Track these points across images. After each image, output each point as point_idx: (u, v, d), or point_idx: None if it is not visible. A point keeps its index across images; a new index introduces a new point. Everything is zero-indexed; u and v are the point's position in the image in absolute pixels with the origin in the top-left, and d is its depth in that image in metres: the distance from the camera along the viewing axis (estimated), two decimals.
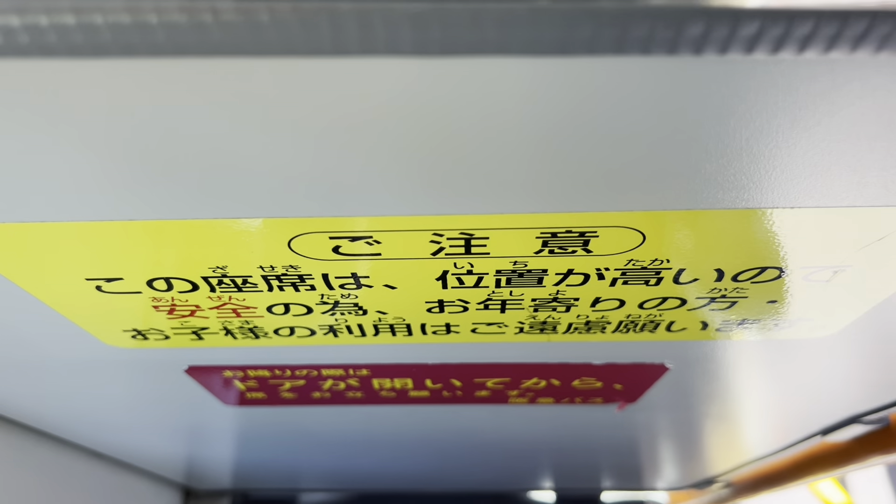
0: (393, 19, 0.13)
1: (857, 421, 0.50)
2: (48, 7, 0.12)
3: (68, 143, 0.18)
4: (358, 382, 0.42)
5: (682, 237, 0.24)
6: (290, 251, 0.24)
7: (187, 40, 0.13)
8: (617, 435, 0.59)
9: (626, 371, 0.39)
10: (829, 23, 0.13)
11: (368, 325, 0.32)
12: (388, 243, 0.24)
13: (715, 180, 0.20)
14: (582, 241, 0.24)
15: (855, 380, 0.42)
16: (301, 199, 0.21)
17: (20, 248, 0.24)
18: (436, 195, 0.21)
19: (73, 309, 0.29)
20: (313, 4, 0.13)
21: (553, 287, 0.28)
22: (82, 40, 0.13)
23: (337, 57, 0.14)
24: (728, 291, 0.28)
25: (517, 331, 0.33)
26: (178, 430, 0.56)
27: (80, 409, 0.48)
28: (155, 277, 0.26)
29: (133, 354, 0.35)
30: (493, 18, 0.13)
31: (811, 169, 0.20)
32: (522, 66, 0.16)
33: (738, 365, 0.38)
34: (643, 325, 0.32)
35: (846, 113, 0.17)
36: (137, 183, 0.20)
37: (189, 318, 0.30)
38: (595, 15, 0.13)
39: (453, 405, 0.47)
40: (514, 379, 0.42)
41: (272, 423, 0.54)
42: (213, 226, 0.23)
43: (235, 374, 0.40)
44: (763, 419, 0.53)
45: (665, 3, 0.12)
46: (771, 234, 0.24)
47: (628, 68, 0.16)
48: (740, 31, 0.13)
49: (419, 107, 0.17)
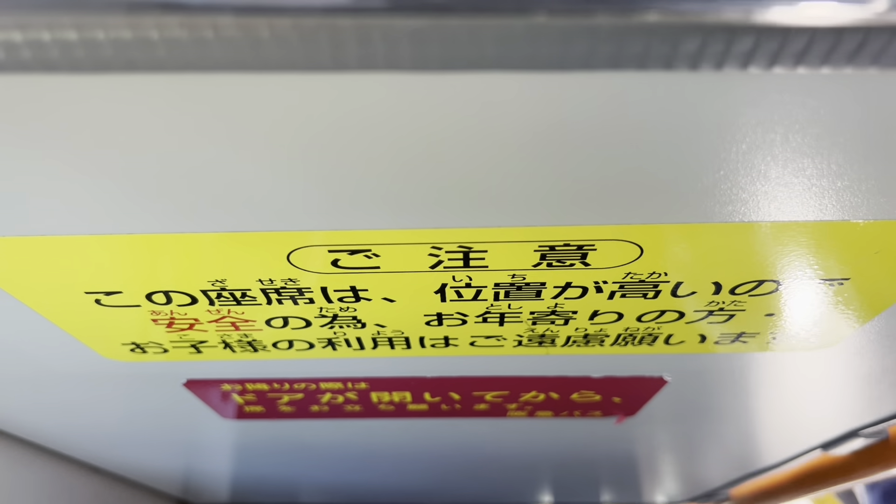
0: (392, 35, 0.13)
1: (857, 434, 0.50)
2: (50, 23, 0.13)
3: (68, 157, 0.18)
4: (356, 396, 0.42)
5: (679, 250, 0.24)
6: (289, 264, 0.24)
7: (188, 56, 0.13)
8: (616, 448, 0.58)
9: (624, 384, 0.39)
10: (824, 38, 0.13)
11: (367, 339, 0.32)
12: (387, 256, 0.24)
13: (712, 194, 0.21)
14: (580, 255, 0.24)
15: (854, 393, 0.42)
16: (300, 212, 0.21)
17: (19, 261, 0.24)
18: (434, 209, 0.21)
19: (72, 322, 0.29)
20: (313, 20, 0.13)
21: (551, 300, 0.28)
22: (84, 56, 0.13)
23: (336, 72, 0.14)
24: (726, 304, 0.28)
25: (516, 344, 0.33)
26: (175, 443, 0.56)
27: (79, 423, 0.48)
28: (154, 291, 0.26)
29: (131, 368, 0.35)
30: (492, 34, 0.13)
31: (807, 182, 0.20)
32: (520, 82, 0.16)
33: (737, 378, 0.38)
34: (641, 338, 0.32)
35: (841, 127, 0.17)
36: (137, 196, 0.20)
37: (188, 332, 0.30)
38: (592, 31, 0.13)
39: (452, 419, 0.47)
40: (512, 392, 0.41)
41: (270, 437, 0.54)
42: (213, 239, 0.23)
43: (234, 388, 0.40)
44: (762, 432, 0.53)
45: (661, 20, 0.13)
46: (768, 247, 0.24)
47: (625, 83, 0.16)
48: (735, 47, 0.13)
49: (418, 121, 0.17)
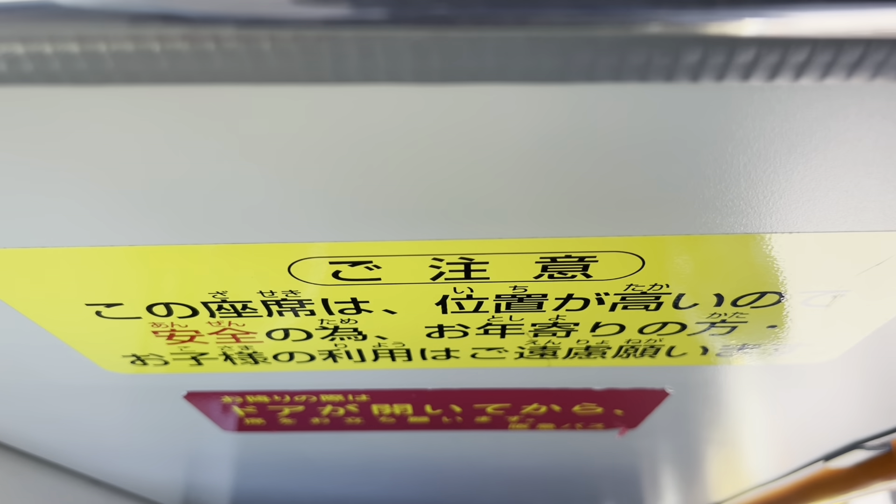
0: (393, 47, 0.13)
1: (860, 446, 0.50)
2: (52, 35, 0.13)
3: (69, 169, 0.18)
4: (357, 408, 0.41)
5: (681, 262, 0.24)
6: (290, 276, 0.24)
7: (190, 68, 0.13)
8: (618, 461, 0.58)
9: (626, 396, 0.39)
10: (825, 50, 0.13)
11: (368, 351, 0.31)
12: (388, 268, 0.24)
13: (713, 205, 0.21)
14: (581, 266, 0.24)
15: (856, 405, 0.42)
16: (301, 224, 0.21)
17: (20, 273, 0.24)
18: (435, 220, 0.21)
19: (73, 334, 0.29)
20: (314, 32, 0.13)
21: (553, 312, 0.28)
22: (86, 68, 0.13)
23: (338, 84, 0.14)
24: (728, 316, 0.28)
25: (517, 356, 0.32)
26: (175, 456, 0.56)
27: (79, 435, 0.48)
28: (155, 303, 0.26)
29: (132, 380, 0.35)
30: (493, 46, 0.13)
31: (809, 194, 0.20)
32: (522, 94, 0.16)
33: (739, 390, 0.38)
34: (643, 350, 0.32)
35: (842, 138, 0.17)
36: (138, 208, 0.20)
37: (188, 344, 0.30)
38: (593, 43, 0.13)
39: (453, 431, 0.47)
40: (514, 404, 0.41)
41: (271, 450, 0.54)
42: (213, 251, 0.23)
43: (234, 400, 0.40)
44: (765, 444, 0.52)
45: (662, 31, 0.13)
46: (770, 258, 0.24)
47: (626, 95, 0.16)
48: (737, 59, 0.13)
49: (419, 133, 0.17)
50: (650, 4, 0.12)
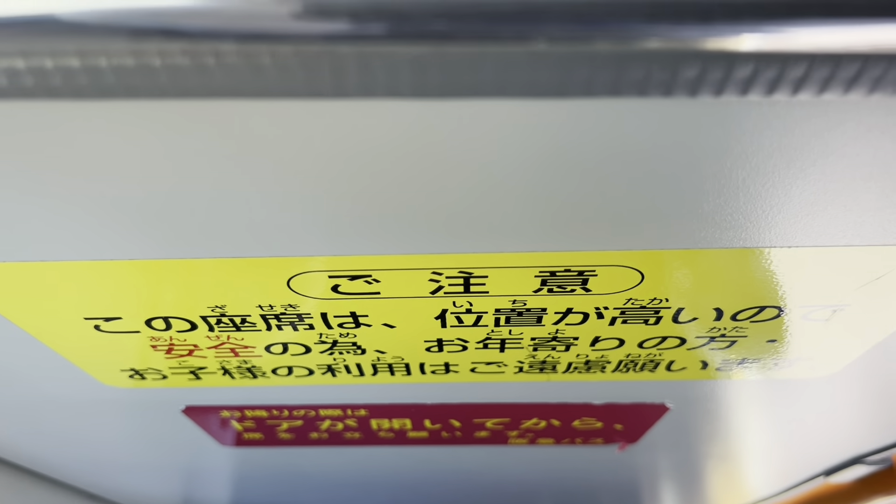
0: (393, 62, 0.13)
1: (860, 461, 0.50)
2: (53, 50, 0.13)
3: (69, 183, 0.18)
4: (356, 423, 0.41)
5: (680, 276, 0.24)
6: (289, 290, 0.24)
7: (190, 82, 0.13)
8: (618, 476, 0.58)
9: (626, 411, 0.39)
10: (823, 65, 0.13)
11: (367, 365, 0.31)
12: (387, 282, 0.24)
13: (712, 219, 0.21)
14: (581, 280, 0.24)
15: (856, 419, 0.41)
16: (300, 238, 0.21)
17: (19, 287, 0.24)
18: (435, 234, 0.21)
19: (71, 348, 0.29)
20: (314, 48, 0.13)
21: (552, 326, 0.27)
22: (86, 82, 0.13)
23: (337, 99, 0.14)
24: (727, 331, 0.28)
25: (517, 370, 0.32)
26: (174, 471, 0.56)
27: (77, 450, 0.48)
28: (153, 317, 0.26)
29: (130, 394, 0.35)
30: (492, 61, 0.13)
31: (808, 208, 0.20)
32: (520, 108, 0.16)
33: (739, 404, 0.38)
34: (643, 364, 0.32)
35: (841, 153, 0.17)
36: (137, 222, 0.20)
37: (187, 358, 0.30)
38: (592, 58, 0.13)
39: (452, 446, 0.47)
40: (513, 419, 0.41)
41: (269, 464, 0.53)
42: (212, 265, 0.23)
43: (233, 415, 0.40)
44: (765, 459, 0.52)
45: (661, 47, 0.13)
46: (769, 273, 0.24)
47: (625, 110, 0.16)
48: (735, 74, 0.13)
49: (418, 148, 0.17)
50: (649, 20, 0.12)
